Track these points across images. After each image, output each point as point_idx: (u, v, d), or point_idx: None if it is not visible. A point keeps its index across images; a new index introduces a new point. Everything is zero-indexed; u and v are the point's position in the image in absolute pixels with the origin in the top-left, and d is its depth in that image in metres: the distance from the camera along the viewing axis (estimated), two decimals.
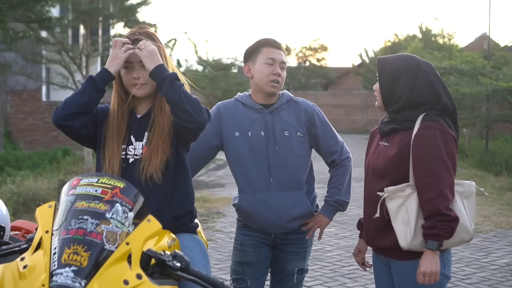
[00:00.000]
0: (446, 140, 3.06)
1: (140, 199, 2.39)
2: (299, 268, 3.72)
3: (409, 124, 3.13)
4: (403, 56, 3.29)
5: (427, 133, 3.04)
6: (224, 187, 12.89)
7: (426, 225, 3.00)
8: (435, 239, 2.97)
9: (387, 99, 3.21)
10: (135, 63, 2.93)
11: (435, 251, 2.99)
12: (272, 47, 3.61)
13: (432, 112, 3.13)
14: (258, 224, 3.66)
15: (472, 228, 3.12)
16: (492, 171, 15.71)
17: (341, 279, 6.39)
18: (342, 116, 37.61)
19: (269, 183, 3.58)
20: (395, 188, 3.08)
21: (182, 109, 2.76)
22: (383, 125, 3.28)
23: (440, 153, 3.02)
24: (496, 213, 10.22)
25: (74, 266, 2.06)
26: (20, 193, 9.83)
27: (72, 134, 2.95)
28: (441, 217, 2.97)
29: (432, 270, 2.98)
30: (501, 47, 25.93)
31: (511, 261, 7.18)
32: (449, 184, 3.03)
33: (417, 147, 3.05)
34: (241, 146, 3.61)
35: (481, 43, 30.74)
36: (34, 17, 11.98)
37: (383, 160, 3.18)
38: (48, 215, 2.28)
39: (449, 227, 2.98)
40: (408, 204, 3.06)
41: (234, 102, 3.72)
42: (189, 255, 2.65)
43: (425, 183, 3.01)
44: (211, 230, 8.72)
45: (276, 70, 3.58)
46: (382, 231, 3.18)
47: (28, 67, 20.37)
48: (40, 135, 22.42)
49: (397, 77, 3.17)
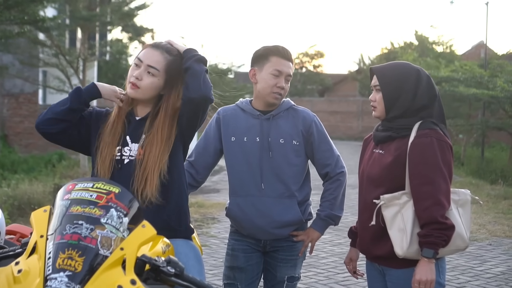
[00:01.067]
0: (443, 148, 3.06)
1: (135, 205, 2.39)
2: (289, 276, 3.70)
3: (406, 132, 3.13)
4: (398, 63, 3.29)
5: (424, 141, 3.04)
6: (219, 193, 12.89)
7: (422, 233, 2.99)
8: (431, 247, 2.97)
9: (390, 107, 3.18)
10: (144, 64, 2.96)
11: (431, 259, 2.99)
12: (282, 57, 3.59)
13: (428, 120, 3.13)
14: (247, 229, 3.66)
15: (468, 236, 3.12)
16: (487, 179, 15.73)
17: (335, 286, 6.38)
18: (338, 122, 37.63)
19: (260, 189, 3.59)
20: (391, 195, 3.08)
21: (196, 78, 2.89)
22: (378, 133, 3.27)
23: (436, 161, 3.02)
24: (491, 221, 10.23)
25: (68, 271, 2.05)
26: (15, 196, 9.81)
27: (50, 138, 3.01)
28: (437, 225, 2.96)
29: (428, 278, 2.97)
30: (498, 55, 26.00)
31: (506, 270, 7.18)
32: (446, 192, 3.03)
33: (413, 155, 3.04)
34: (236, 151, 3.62)
35: (478, 51, 30.80)
36: (27, 18, 11.97)
37: (379, 168, 3.18)
38: (43, 220, 2.28)
39: (445, 235, 2.98)
40: (404, 212, 3.05)
41: (234, 107, 3.75)
42: (183, 261, 2.65)
43: (421, 191, 3.01)
44: (206, 235, 8.71)
45: (281, 83, 3.57)
46: (378, 239, 3.17)
47: (25, 70, 20.35)
48: (36, 139, 22.35)
49: (400, 84, 3.15)
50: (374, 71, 3.25)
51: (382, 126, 3.26)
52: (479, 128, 18.03)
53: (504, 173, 16.02)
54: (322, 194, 3.74)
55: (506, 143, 22.92)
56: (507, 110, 17.69)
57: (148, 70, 2.93)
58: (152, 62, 2.94)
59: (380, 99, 3.19)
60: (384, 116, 3.22)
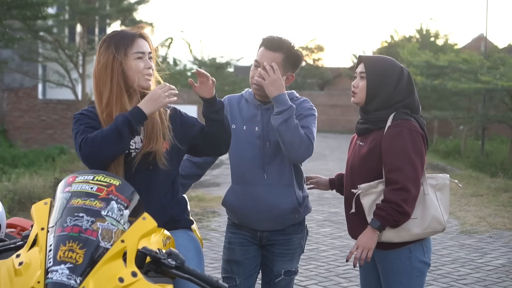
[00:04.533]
0: (413, 137, 3.22)
1: (136, 197, 2.40)
2: (286, 270, 3.69)
3: (382, 124, 3.32)
4: (386, 57, 3.47)
5: (394, 131, 3.22)
6: (219, 186, 12.88)
7: (378, 205, 3.19)
8: (379, 220, 3.16)
9: (371, 96, 3.34)
10: (146, 53, 2.94)
11: (375, 230, 3.18)
12: (265, 47, 3.54)
13: (402, 111, 3.30)
14: (241, 217, 3.65)
15: (445, 219, 3.30)
16: (487, 172, 15.72)
17: (336, 279, 6.39)
18: (338, 116, 37.60)
19: (257, 178, 3.59)
20: (367, 185, 3.27)
21: (228, 133, 3.10)
22: (358, 125, 3.47)
23: (405, 150, 3.18)
24: (491, 214, 10.24)
25: (69, 263, 2.06)
26: (15, 190, 9.81)
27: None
28: (395, 206, 3.14)
29: (366, 245, 3.19)
30: (499, 48, 25.97)
31: (506, 262, 7.19)
32: (414, 179, 3.18)
33: (385, 144, 3.24)
34: (235, 139, 3.62)
35: (478, 44, 30.77)
36: (30, 14, 11.96)
37: (358, 158, 3.37)
38: (44, 212, 2.28)
39: (397, 218, 3.16)
40: (380, 200, 3.22)
41: (239, 96, 3.76)
42: (183, 252, 2.66)
43: (390, 178, 3.19)
44: (206, 229, 8.72)
45: (258, 74, 3.53)
46: (361, 226, 3.31)
47: (24, 64, 20.36)
48: (36, 133, 22.39)
49: (385, 77, 3.32)
50: (363, 59, 3.40)
51: (361, 119, 3.45)
52: (479, 120, 18.01)
53: (504, 166, 16.01)
54: None
55: (506, 136, 22.93)
56: (507, 102, 17.67)
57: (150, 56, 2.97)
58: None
59: (363, 86, 3.35)
60: (362, 104, 3.38)
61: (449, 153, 20.98)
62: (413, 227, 3.23)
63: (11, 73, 20.88)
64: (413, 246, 3.30)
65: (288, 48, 3.54)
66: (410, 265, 3.30)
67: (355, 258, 3.22)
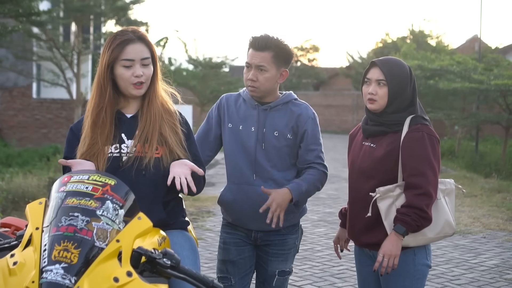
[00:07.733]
0: (433, 143, 3.24)
1: (131, 197, 2.39)
2: (280, 270, 3.68)
3: (398, 127, 3.29)
4: (399, 60, 3.40)
5: (416, 136, 3.22)
6: (214, 186, 12.88)
7: (402, 210, 3.16)
8: (404, 225, 3.13)
9: (391, 102, 3.29)
10: (137, 60, 2.88)
11: (400, 236, 3.15)
12: (253, 48, 3.51)
13: (418, 115, 3.30)
14: (237, 216, 3.64)
15: (454, 223, 3.33)
16: (481, 172, 15.75)
17: (331, 279, 6.40)
18: (333, 116, 37.65)
19: (252, 178, 3.58)
20: (386, 188, 3.23)
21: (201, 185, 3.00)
22: (369, 127, 3.40)
23: (427, 155, 3.20)
24: (485, 214, 10.26)
25: (64, 263, 2.05)
26: (9, 190, 9.78)
27: None
28: (419, 211, 3.13)
29: (392, 253, 3.14)
30: (492, 49, 26.01)
31: (500, 262, 7.21)
32: (434, 184, 3.22)
33: (406, 149, 3.21)
34: (231, 138, 3.63)
35: (472, 45, 30.85)
36: (22, 11, 11.92)
37: (370, 160, 3.32)
38: (39, 212, 2.27)
39: (420, 223, 3.15)
40: (397, 203, 3.22)
41: (236, 95, 3.74)
42: (178, 250, 2.65)
43: (412, 182, 3.18)
44: (201, 229, 8.71)
45: (250, 76, 3.51)
46: (372, 228, 3.31)
47: (19, 63, 20.28)
48: (30, 132, 22.31)
49: (403, 81, 3.29)
50: (379, 65, 3.31)
51: (372, 121, 3.38)
52: (473, 121, 18.03)
53: (498, 166, 16.03)
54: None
55: (500, 136, 22.95)
56: (501, 103, 17.69)
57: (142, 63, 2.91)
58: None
59: (384, 94, 3.29)
60: (382, 110, 3.32)
61: (444, 154, 20.99)
62: (428, 232, 3.24)
63: (5, 72, 20.79)
64: (417, 249, 3.30)
65: (276, 45, 3.51)
66: (414, 268, 3.30)
67: (382, 267, 3.15)
